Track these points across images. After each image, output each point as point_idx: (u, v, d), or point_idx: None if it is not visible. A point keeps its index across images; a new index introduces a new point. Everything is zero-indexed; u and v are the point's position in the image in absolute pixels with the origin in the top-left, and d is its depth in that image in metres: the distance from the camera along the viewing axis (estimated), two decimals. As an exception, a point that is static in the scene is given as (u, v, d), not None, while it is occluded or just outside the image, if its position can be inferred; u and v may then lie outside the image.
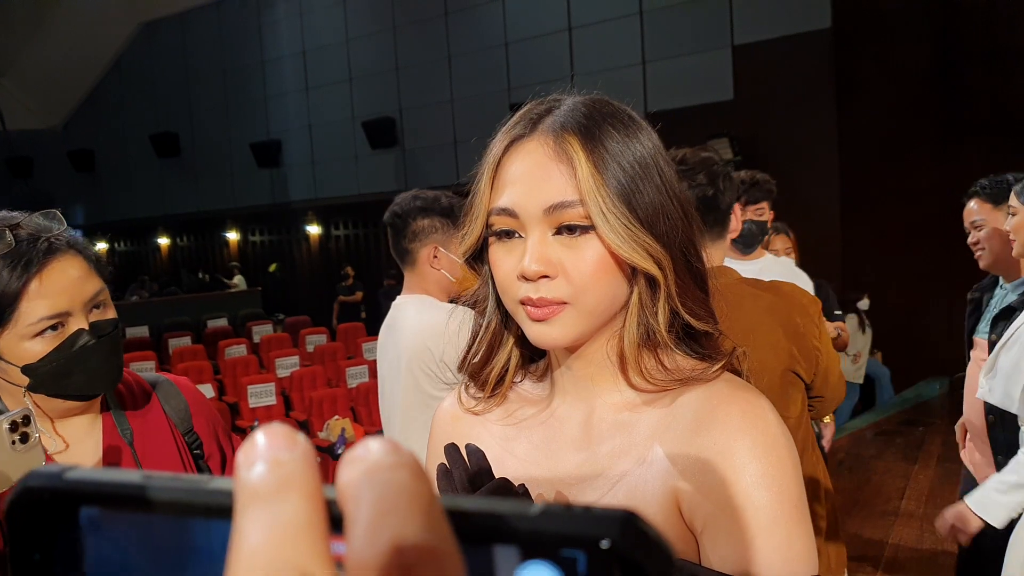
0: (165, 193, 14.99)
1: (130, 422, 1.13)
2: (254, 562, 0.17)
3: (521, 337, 0.79)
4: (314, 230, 12.89)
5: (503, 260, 0.73)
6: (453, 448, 0.74)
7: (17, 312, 0.98)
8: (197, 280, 14.02)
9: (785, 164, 7.24)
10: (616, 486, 0.73)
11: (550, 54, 9.19)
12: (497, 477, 0.70)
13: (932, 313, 7.32)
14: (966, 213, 2.32)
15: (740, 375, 0.78)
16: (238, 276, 13.17)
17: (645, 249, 0.70)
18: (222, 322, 10.47)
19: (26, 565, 0.21)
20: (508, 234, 0.73)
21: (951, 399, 6.73)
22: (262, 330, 9.23)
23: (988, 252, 2.27)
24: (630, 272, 0.72)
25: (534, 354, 0.84)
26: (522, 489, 0.71)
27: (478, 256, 0.80)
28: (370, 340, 7.54)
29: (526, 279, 0.71)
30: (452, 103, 10.50)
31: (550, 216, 0.70)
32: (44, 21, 13.57)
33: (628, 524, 0.18)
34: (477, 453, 0.73)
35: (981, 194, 2.29)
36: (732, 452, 0.68)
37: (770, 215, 2.74)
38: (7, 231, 0.99)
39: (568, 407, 0.79)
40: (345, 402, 6.04)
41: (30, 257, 0.99)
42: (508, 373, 0.83)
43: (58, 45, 14.00)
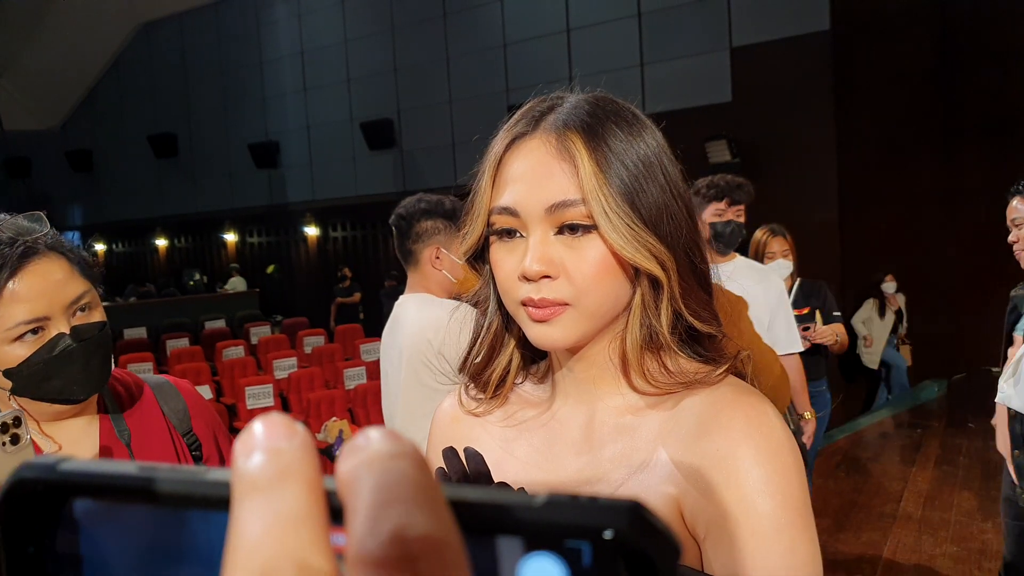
0: (163, 194, 14.96)
1: (127, 423, 1.12)
2: (253, 554, 0.16)
3: (523, 338, 0.78)
4: (312, 231, 12.87)
5: (504, 260, 0.72)
6: (451, 452, 0.73)
7: None
8: (190, 288, 13.99)
9: (783, 166, 7.25)
10: (617, 491, 0.72)
11: (548, 55, 9.19)
12: (496, 481, 0.68)
13: (932, 314, 7.32)
14: (1008, 211, 2.28)
15: (745, 378, 0.77)
16: (236, 277, 13.15)
17: (648, 250, 0.69)
18: (220, 323, 10.46)
19: (20, 558, 0.20)
20: (509, 233, 0.72)
21: (949, 401, 6.73)
22: (260, 331, 9.22)
23: None
24: (633, 273, 0.71)
25: (536, 355, 0.83)
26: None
27: (479, 256, 0.79)
28: (368, 341, 7.53)
29: (527, 279, 0.70)
30: (450, 104, 10.49)
31: (552, 215, 0.69)
32: (42, 21, 13.55)
33: (634, 514, 0.18)
34: (476, 457, 0.71)
35: (1022, 192, 2.26)
36: (735, 458, 0.67)
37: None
38: None
39: (569, 409, 0.78)
40: (343, 403, 6.03)
41: (4, 260, 0.98)
42: (509, 375, 0.82)
43: (56, 45, 13.99)
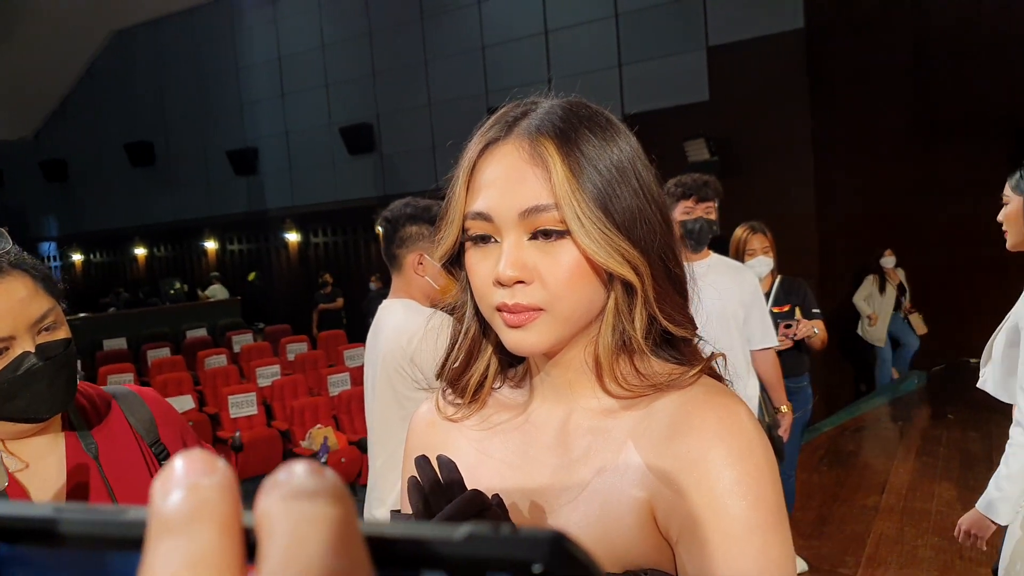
0: (141, 202, 14.79)
1: (94, 437, 1.10)
2: None
3: (500, 343, 0.78)
4: (293, 237, 12.78)
5: (479, 265, 0.72)
6: (424, 460, 0.72)
7: None
8: (171, 297, 13.86)
9: (761, 164, 7.31)
10: (591, 492, 0.72)
11: (527, 57, 9.21)
12: (471, 487, 0.68)
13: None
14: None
15: (721, 380, 0.77)
16: (216, 285, 13.03)
17: (621, 255, 0.69)
18: (201, 332, 10.36)
19: None
20: (484, 239, 0.72)
21: (929, 393, 6.82)
22: (242, 339, 9.15)
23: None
24: (607, 278, 0.71)
25: (513, 360, 0.83)
26: (496, 500, 0.68)
27: (456, 261, 0.79)
28: (351, 348, 7.49)
29: (501, 284, 0.70)
30: (430, 107, 10.48)
31: (525, 220, 0.69)
32: (13, 30, 13.34)
33: (556, 546, 0.18)
34: (449, 464, 0.71)
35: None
36: (707, 459, 0.67)
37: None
38: None
39: (546, 412, 0.78)
40: (327, 410, 5.99)
41: None
42: (487, 380, 0.82)
43: (28, 54, 13.77)
